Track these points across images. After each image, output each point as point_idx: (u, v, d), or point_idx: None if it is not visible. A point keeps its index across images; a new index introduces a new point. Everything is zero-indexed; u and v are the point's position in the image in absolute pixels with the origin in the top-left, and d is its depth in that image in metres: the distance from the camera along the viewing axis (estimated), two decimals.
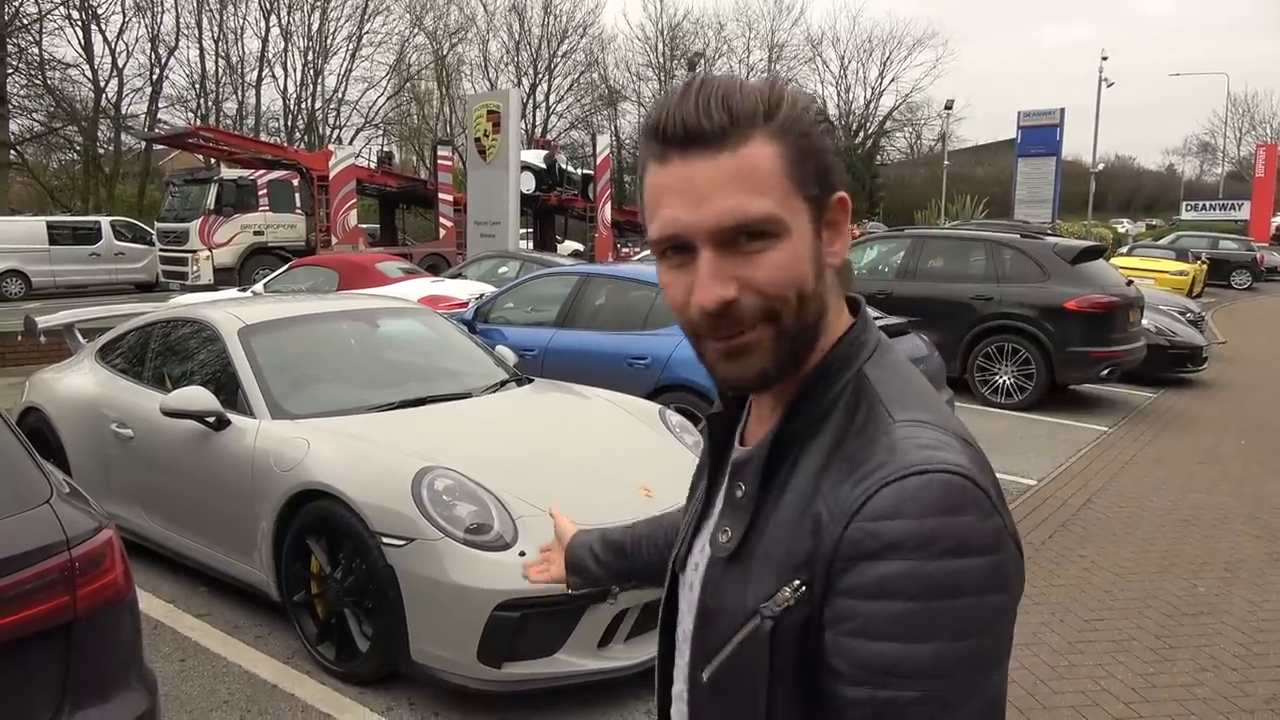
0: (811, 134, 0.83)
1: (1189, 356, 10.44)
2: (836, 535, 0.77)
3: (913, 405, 0.84)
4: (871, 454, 0.79)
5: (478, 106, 19.15)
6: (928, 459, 0.77)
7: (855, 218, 1.04)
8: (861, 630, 0.75)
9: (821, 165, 0.84)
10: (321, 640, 3.61)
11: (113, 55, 36.28)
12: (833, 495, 0.79)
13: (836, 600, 0.77)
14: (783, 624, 0.80)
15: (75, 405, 4.93)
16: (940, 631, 0.74)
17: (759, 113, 0.81)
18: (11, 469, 2.16)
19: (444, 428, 4.08)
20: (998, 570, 0.77)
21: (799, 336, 0.85)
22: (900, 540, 0.74)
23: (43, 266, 21.72)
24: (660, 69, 50.87)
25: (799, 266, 0.83)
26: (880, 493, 0.76)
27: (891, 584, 0.74)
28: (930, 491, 0.76)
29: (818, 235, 0.84)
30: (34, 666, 2.03)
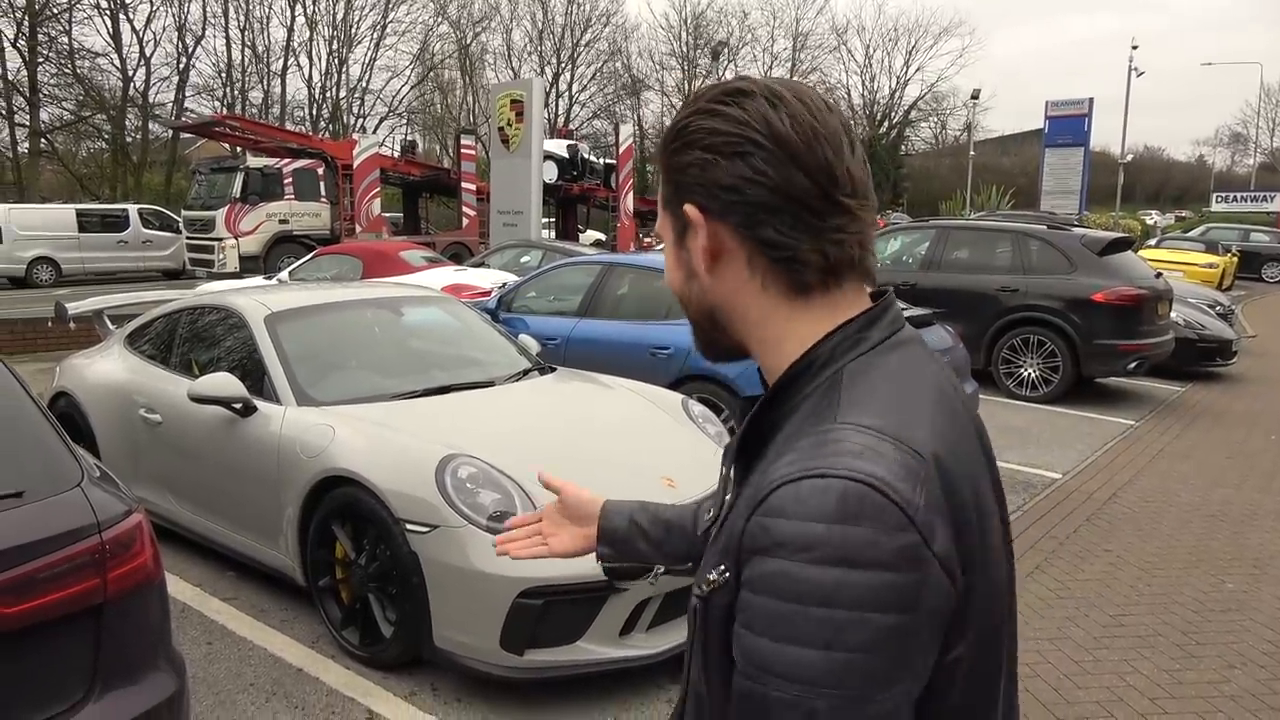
0: (671, 150, 0.90)
1: (1218, 350, 10.31)
2: (742, 526, 0.79)
3: (866, 409, 0.82)
4: (794, 448, 0.80)
5: (501, 95, 19.16)
6: (833, 464, 0.76)
7: (880, 208, 0.98)
8: (746, 623, 0.77)
9: (675, 182, 0.91)
10: (346, 625, 3.65)
11: (140, 44, 36.67)
12: (753, 486, 0.81)
13: (740, 590, 0.79)
14: (710, 605, 0.83)
15: (104, 390, 4.99)
16: (809, 638, 0.73)
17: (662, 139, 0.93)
18: (44, 452, 2.19)
19: (467, 416, 4.10)
20: (891, 589, 0.73)
21: (697, 327, 0.97)
22: (783, 540, 0.75)
23: (72, 254, 22.00)
24: (683, 58, 50.73)
25: (669, 273, 0.96)
26: (779, 490, 0.77)
27: (771, 581, 0.75)
28: (823, 497, 0.75)
29: (679, 244, 0.93)
30: (65, 647, 2.06)
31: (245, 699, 3.35)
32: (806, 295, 0.89)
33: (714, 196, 0.87)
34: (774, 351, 0.91)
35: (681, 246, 0.92)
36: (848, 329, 0.88)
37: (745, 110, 0.86)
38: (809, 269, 0.87)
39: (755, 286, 0.89)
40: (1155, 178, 71.60)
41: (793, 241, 0.86)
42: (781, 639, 0.74)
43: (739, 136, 0.86)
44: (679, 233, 0.92)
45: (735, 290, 0.91)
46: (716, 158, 0.86)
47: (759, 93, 0.87)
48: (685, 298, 0.95)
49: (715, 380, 5.76)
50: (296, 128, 36.93)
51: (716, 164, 0.87)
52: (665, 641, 3.36)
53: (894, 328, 0.90)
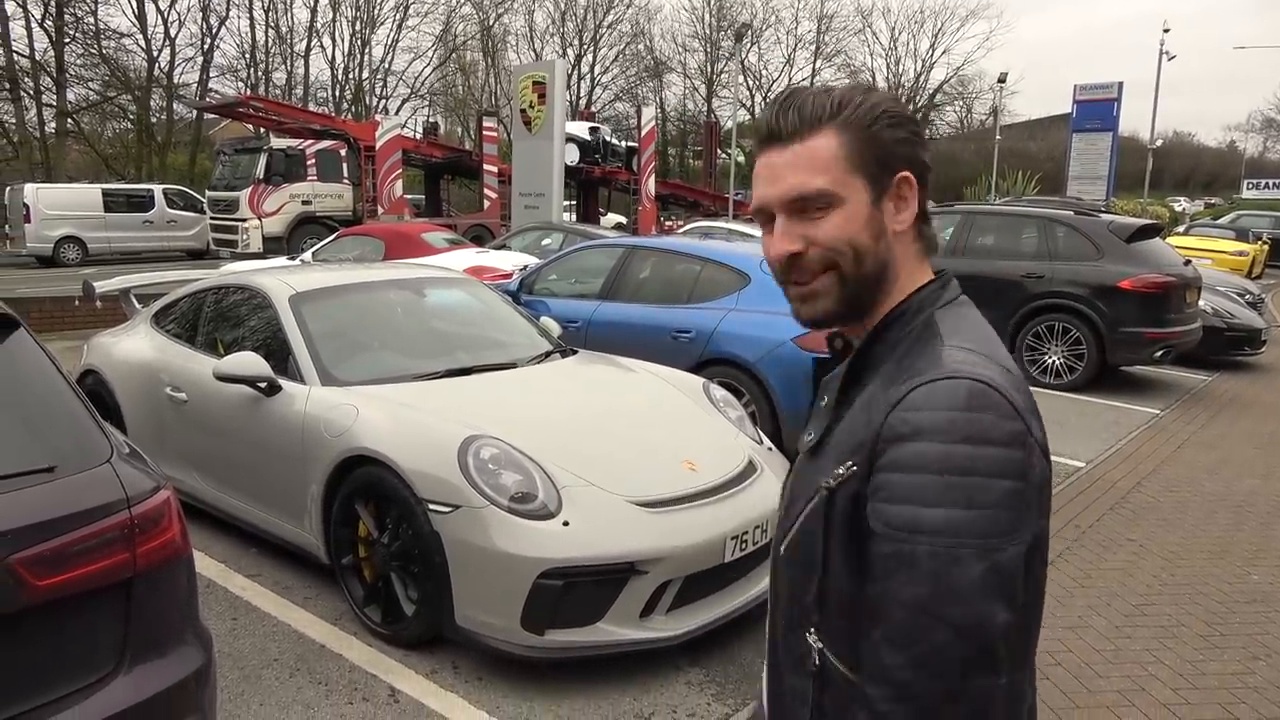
0: (872, 127, 1.05)
1: (1247, 339, 10.17)
2: (880, 422, 0.98)
3: (966, 337, 1.04)
4: (917, 365, 1.00)
5: (523, 77, 19.13)
6: (958, 369, 0.97)
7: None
8: (890, 496, 0.95)
9: (881, 151, 1.06)
10: (368, 603, 3.68)
11: (165, 25, 36.82)
12: (883, 395, 1.00)
13: (876, 475, 0.97)
14: (837, 495, 1.01)
15: (131, 369, 5.05)
16: (951, 499, 0.92)
17: (824, 114, 1.06)
18: (75, 428, 2.22)
19: (489, 397, 4.11)
20: (1011, 461, 0.94)
21: (860, 283, 1.08)
22: (926, 426, 0.94)
23: (98, 233, 22.23)
24: (707, 40, 50.39)
25: (852, 228, 1.06)
26: (916, 390, 0.97)
27: (916, 459, 0.94)
28: (956, 392, 0.95)
29: (876, 205, 1.06)
30: (96, 620, 2.09)
31: (270, 674, 3.39)
32: (926, 259, 1.12)
33: (921, 169, 1.08)
34: (895, 298, 1.09)
35: (878, 207, 1.07)
36: (931, 285, 1.11)
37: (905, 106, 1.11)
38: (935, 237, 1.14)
39: (916, 248, 1.11)
40: (1185, 164, 70.56)
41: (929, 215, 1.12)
42: (929, 503, 0.92)
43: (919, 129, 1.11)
44: (876, 194, 1.06)
45: (905, 250, 1.10)
46: (918, 140, 1.09)
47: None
48: (867, 254, 1.07)
49: (736, 364, 5.75)
50: (319, 109, 37.03)
51: (921, 145, 1.09)
52: (685, 624, 3.37)
53: (958, 291, 1.13)
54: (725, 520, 3.48)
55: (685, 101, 52.93)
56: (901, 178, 1.07)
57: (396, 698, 3.23)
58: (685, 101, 52.93)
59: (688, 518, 3.42)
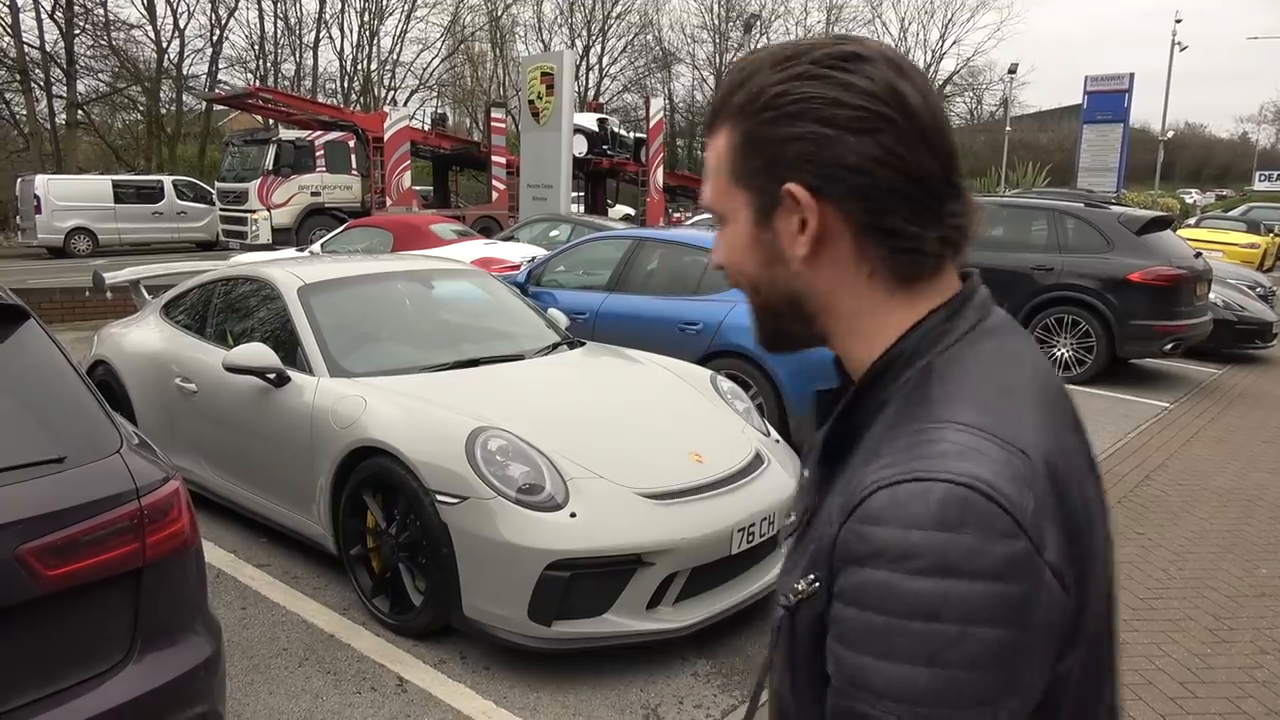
0: (764, 119, 0.79)
1: (1257, 332, 10.11)
2: (834, 532, 0.74)
3: (964, 405, 0.75)
4: (887, 450, 0.74)
5: (531, 68, 19.08)
6: (932, 466, 0.70)
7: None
8: (841, 637, 0.72)
9: (769, 156, 0.79)
10: (377, 594, 3.70)
11: (174, 16, 36.83)
12: (845, 491, 0.75)
13: (833, 602, 0.74)
14: (799, 615, 0.78)
15: (141, 359, 5.07)
16: (911, 654, 0.68)
17: (727, 98, 0.82)
18: (84, 419, 2.23)
19: (497, 389, 4.12)
20: (999, 601, 0.67)
21: (770, 316, 0.88)
22: (880, 549, 0.69)
23: (108, 224, 22.32)
24: (715, 31, 50.22)
25: (735, 254, 0.86)
26: (874, 495, 0.71)
27: (868, 593, 0.70)
28: (922, 502, 0.69)
29: (761, 225, 0.82)
30: (106, 610, 2.11)
31: (279, 663, 3.41)
32: (913, 284, 0.81)
33: (832, 178, 0.77)
34: (867, 345, 0.83)
35: (764, 227, 0.82)
36: (932, 319, 0.81)
37: (872, 79, 0.77)
38: (928, 259, 0.80)
39: (861, 276, 0.81)
40: (1196, 155, 70.12)
41: (917, 230, 0.78)
42: (881, 654, 0.69)
43: (869, 111, 0.76)
44: (762, 211, 0.82)
45: (834, 279, 0.82)
46: (841, 134, 0.76)
47: (877, 58, 0.78)
48: (759, 283, 0.86)
49: (744, 356, 5.74)
50: (328, 100, 36.99)
51: (840, 140, 0.77)
52: (692, 615, 3.38)
53: (982, 313, 0.83)
54: (732, 512, 3.49)
55: (694, 93, 52.81)
56: (785, 190, 0.79)
57: (404, 687, 3.25)
58: (694, 93, 52.81)
59: (695, 509, 3.42)
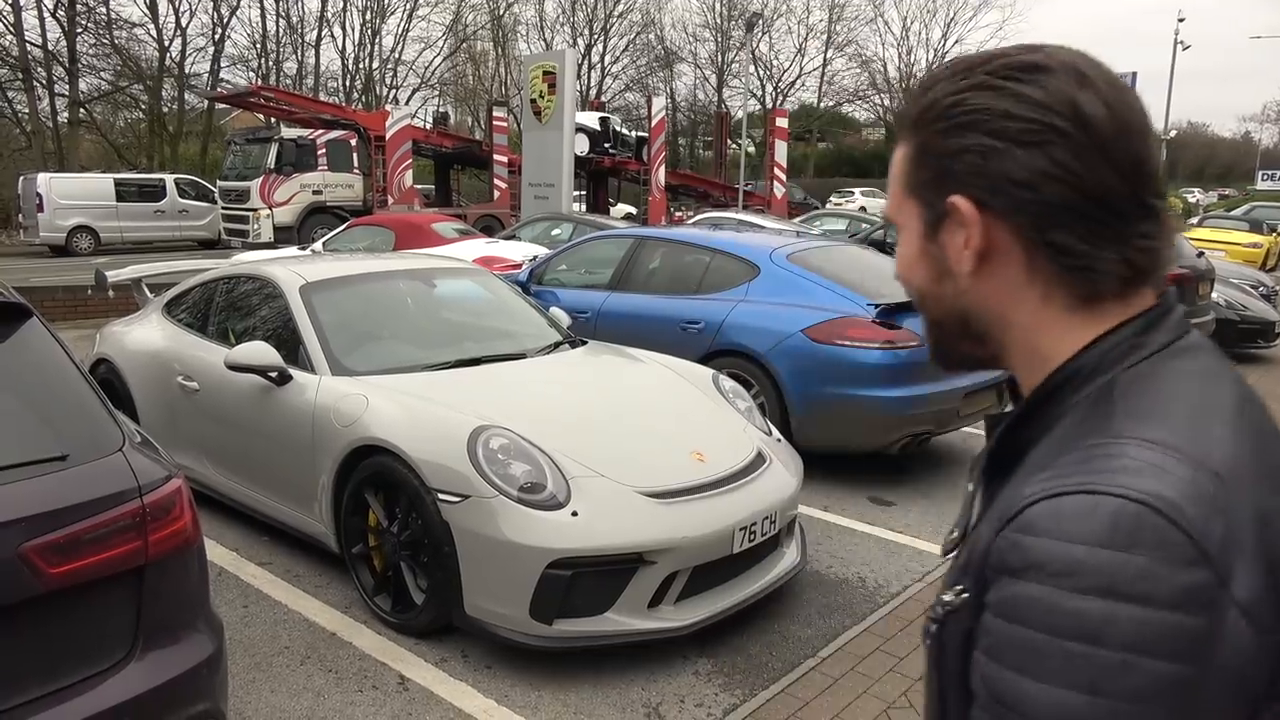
0: (936, 130, 0.79)
1: (1260, 332, 10.10)
2: (989, 540, 0.70)
3: (1151, 421, 0.70)
4: (1056, 464, 0.71)
5: (533, 67, 19.08)
6: (1108, 480, 0.65)
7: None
8: (990, 650, 0.68)
9: (938, 167, 0.79)
10: (378, 592, 3.70)
11: (176, 15, 36.85)
12: (1004, 500, 0.72)
13: (983, 613, 0.70)
14: (947, 628, 0.76)
15: (143, 358, 5.08)
16: (1068, 677, 0.63)
17: (909, 109, 0.82)
18: (87, 417, 2.23)
19: (499, 388, 4.12)
20: (1173, 632, 0.62)
21: (940, 333, 0.86)
22: (1039, 561, 0.65)
23: (110, 222, 22.34)
24: (717, 29, 50.17)
25: (907, 266, 0.86)
26: (1036, 505, 0.67)
27: (1023, 607, 0.66)
28: (1092, 516, 0.64)
29: (928, 237, 0.82)
30: (109, 607, 2.11)
31: (280, 661, 3.42)
32: (1098, 304, 0.77)
33: (999, 191, 0.75)
34: (1044, 363, 0.79)
35: (932, 240, 0.81)
36: (1121, 332, 0.77)
37: (1046, 90, 0.74)
38: (1107, 279, 0.76)
39: (1034, 295, 0.78)
40: (1199, 155, 70.11)
41: (1090, 249, 0.75)
42: (1034, 674, 0.65)
43: (1039, 123, 0.74)
44: (930, 224, 0.81)
45: (1006, 296, 0.79)
46: (1010, 146, 0.74)
47: (1059, 68, 0.75)
48: (930, 298, 0.85)
49: (745, 355, 5.74)
50: (330, 99, 37.01)
51: (1008, 153, 0.74)
52: (693, 614, 3.38)
53: (1179, 331, 0.78)
54: (734, 511, 3.49)
55: (696, 91, 52.80)
56: (949, 203, 0.78)
57: (406, 686, 3.25)
58: (696, 91, 52.80)
59: (696, 508, 3.42)
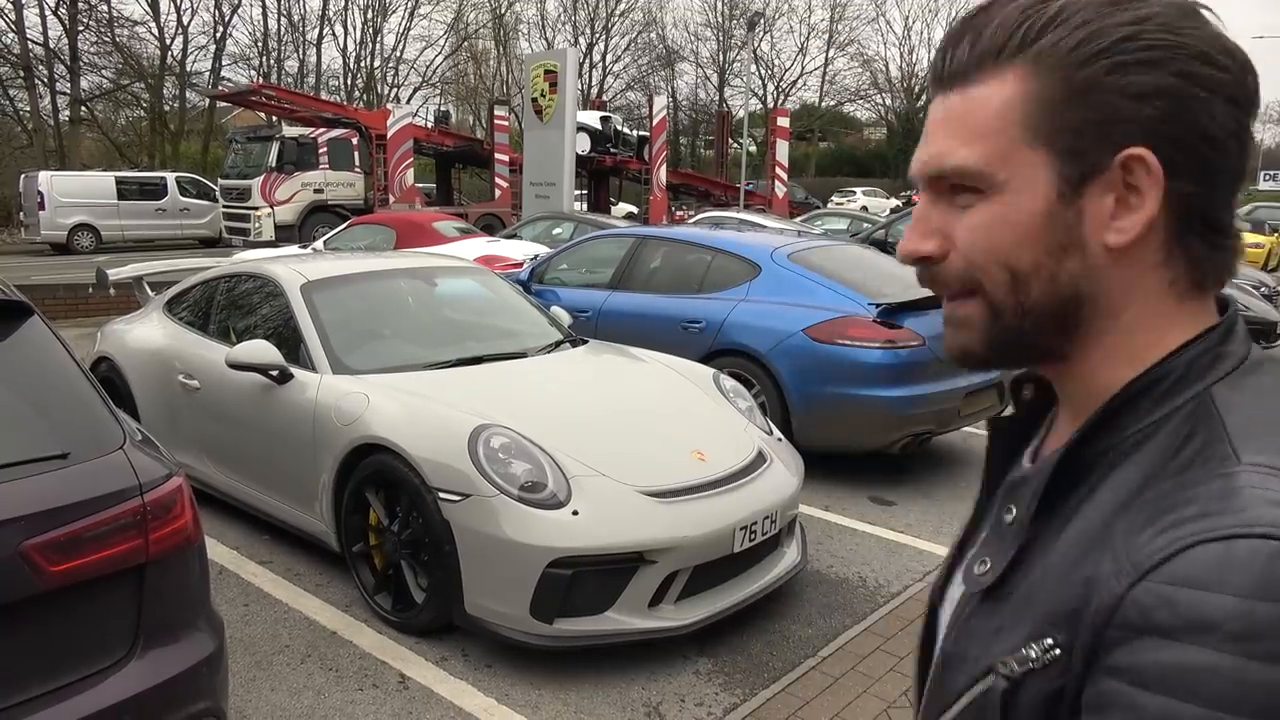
0: (1089, 67, 0.63)
1: (1261, 333, 10.08)
2: (1118, 593, 0.57)
3: (1271, 444, 0.60)
4: (1192, 498, 0.58)
5: (535, 66, 19.09)
6: (1270, 517, 0.54)
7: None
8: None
9: (1095, 110, 0.63)
10: (379, 590, 3.70)
11: (178, 13, 36.85)
12: (1124, 541, 0.59)
13: (1102, 680, 0.57)
14: (1023, 690, 0.62)
15: (144, 356, 5.08)
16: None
17: (1012, 42, 0.65)
18: (88, 415, 2.23)
19: (500, 386, 4.12)
20: None
21: (1017, 323, 0.69)
22: (1212, 621, 0.53)
23: (111, 221, 22.35)
24: (719, 29, 50.14)
25: (1005, 233, 0.67)
26: (1193, 550, 0.55)
27: (1187, 679, 0.53)
28: (1273, 566, 0.53)
29: (1066, 200, 0.65)
30: (110, 606, 2.11)
31: (281, 660, 3.42)
32: (1200, 297, 0.68)
33: (1188, 149, 0.63)
34: (1126, 364, 0.68)
35: (1069, 202, 0.66)
36: (1206, 340, 0.67)
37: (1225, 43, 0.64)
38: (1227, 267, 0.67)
39: (1163, 280, 0.67)
40: None
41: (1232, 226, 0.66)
42: None
43: (1233, 76, 0.63)
44: (1070, 181, 0.65)
45: (1132, 280, 0.67)
46: (1214, 96, 0.62)
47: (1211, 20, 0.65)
48: (1037, 276, 0.67)
49: (746, 355, 5.74)
50: (331, 97, 37.04)
51: (1210, 104, 0.62)
52: (694, 613, 3.38)
53: (1250, 342, 0.69)
54: (734, 510, 3.49)
55: (697, 91, 52.76)
56: (1129, 156, 0.63)
57: (406, 684, 3.26)
58: (697, 91, 52.76)
59: (697, 508, 3.42)
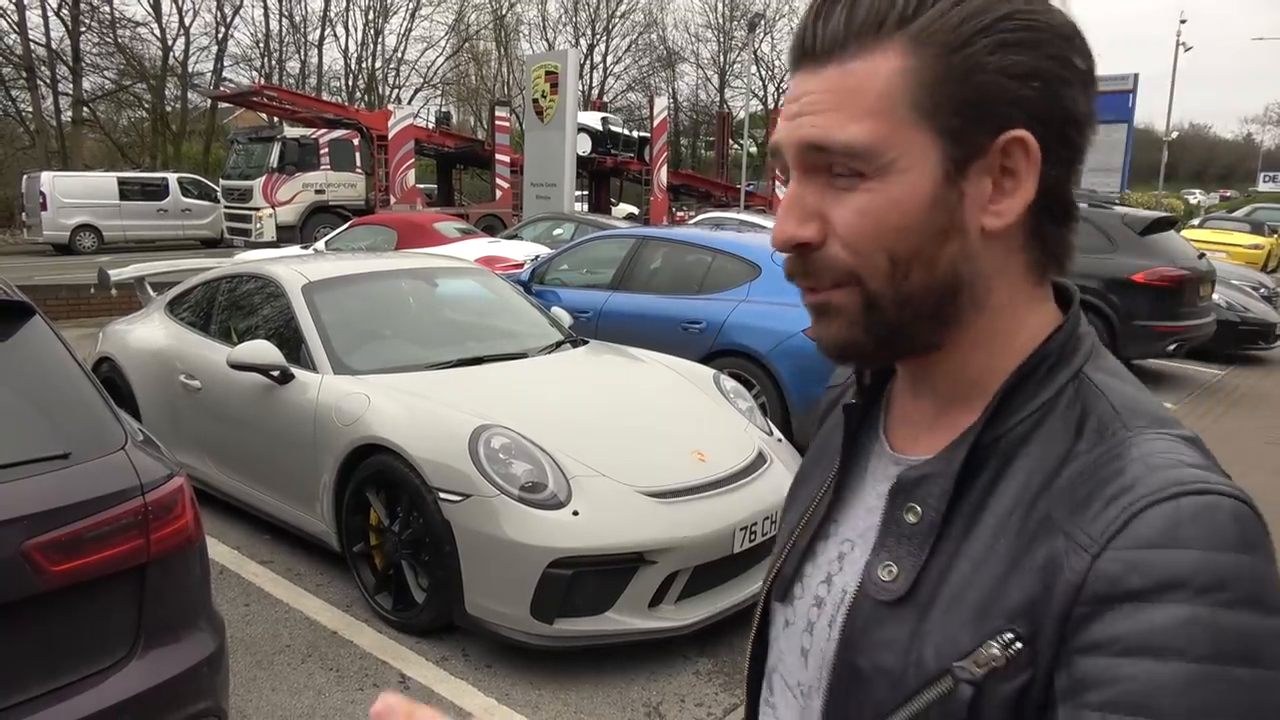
0: (969, 47, 0.62)
1: (1261, 334, 10.10)
2: (1082, 569, 0.57)
3: (1152, 417, 0.64)
4: (1119, 470, 0.60)
5: (536, 67, 19.10)
6: (1202, 477, 0.58)
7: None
8: (1119, 702, 0.54)
9: (978, 91, 0.62)
10: (379, 590, 3.71)
11: (180, 14, 36.85)
12: (1072, 521, 0.59)
13: (1078, 660, 0.56)
14: (988, 692, 0.60)
15: (146, 356, 5.09)
16: (1235, 710, 0.53)
17: (890, 17, 0.63)
18: (89, 415, 2.24)
19: (500, 387, 4.12)
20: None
21: (896, 311, 0.66)
22: (1182, 576, 0.54)
23: (113, 221, 22.36)
24: (719, 30, 50.20)
25: (893, 217, 0.64)
26: (1146, 513, 0.56)
27: (1168, 636, 0.53)
28: (1218, 517, 0.56)
29: (951, 182, 0.64)
30: (111, 606, 2.12)
31: (282, 660, 3.43)
32: (1044, 282, 0.71)
33: (1057, 132, 0.64)
34: (1002, 350, 0.68)
35: (952, 185, 0.64)
36: (1068, 325, 0.70)
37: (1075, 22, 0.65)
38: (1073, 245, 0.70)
39: (1023, 262, 0.68)
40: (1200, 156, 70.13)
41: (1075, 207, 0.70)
42: (1197, 714, 0.53)
43: (1089, 61, 0.65)
44: (954, 162, 0.64)
45: (1002, 263, 0.67)
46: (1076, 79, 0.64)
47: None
48: (918, 261, 0.65)
49: (747, 355, 5.75)
50: (333, 98, 37.04)
51: (1074, 87, 0.64)
52: (694, 614, 3.39)
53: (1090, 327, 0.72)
54: (734, 511, 3.50)
55: (698, 92, 52.82)
56: (1011, 139, 0.63)
57: (407, 684, 3.26)
58: (698, 92, 52.82)
59: (697, 508, 3.43)
